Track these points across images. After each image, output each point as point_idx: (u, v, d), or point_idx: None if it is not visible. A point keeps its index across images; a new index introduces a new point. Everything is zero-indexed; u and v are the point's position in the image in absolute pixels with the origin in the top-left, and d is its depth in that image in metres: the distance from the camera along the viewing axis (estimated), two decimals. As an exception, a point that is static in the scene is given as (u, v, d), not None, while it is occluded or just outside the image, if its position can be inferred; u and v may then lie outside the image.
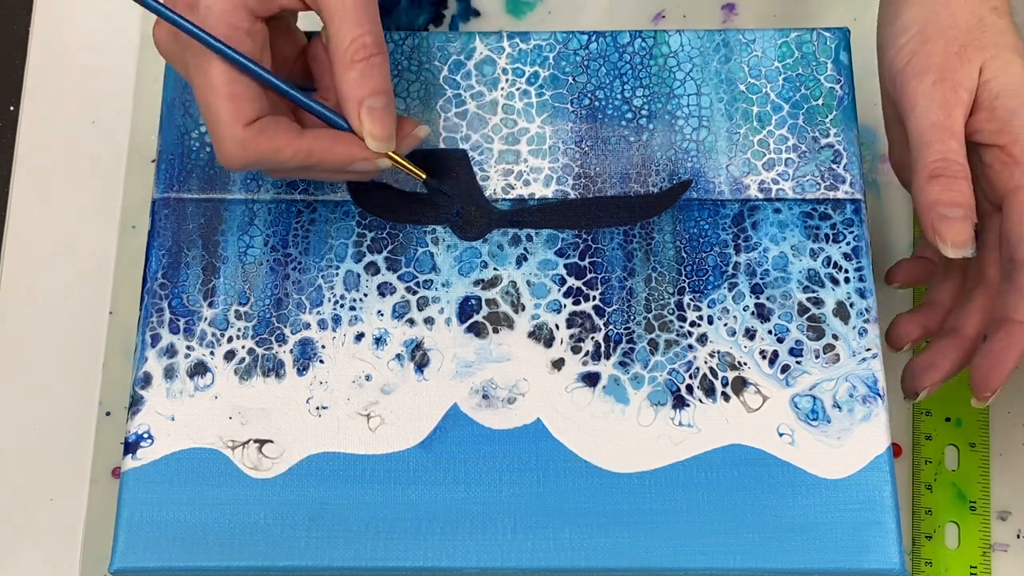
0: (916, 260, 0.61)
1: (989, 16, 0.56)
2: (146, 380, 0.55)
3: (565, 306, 0.56)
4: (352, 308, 0.56)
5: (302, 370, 0.55)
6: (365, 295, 0.56)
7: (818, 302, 0.56)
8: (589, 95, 0.60)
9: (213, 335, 0.56)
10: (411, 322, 0.56)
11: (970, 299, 0.57)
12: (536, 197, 0.58)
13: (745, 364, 0.55)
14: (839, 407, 0.54)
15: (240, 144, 0.51)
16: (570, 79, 0.60)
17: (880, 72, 0.58)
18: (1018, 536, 0.61)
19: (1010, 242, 0.54)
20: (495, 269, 0.57)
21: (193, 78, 0.52)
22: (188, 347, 0.56)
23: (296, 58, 0.56)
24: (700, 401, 0.55)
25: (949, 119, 0.55)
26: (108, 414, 0.64)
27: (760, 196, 0.58)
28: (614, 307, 0.56)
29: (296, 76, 0.56)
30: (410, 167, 0.55)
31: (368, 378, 0.55)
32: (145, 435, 0.54)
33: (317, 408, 0.55)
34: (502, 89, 0.60)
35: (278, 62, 0.55)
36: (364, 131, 0.53)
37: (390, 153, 0.54)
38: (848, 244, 0.57)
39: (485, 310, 0.56)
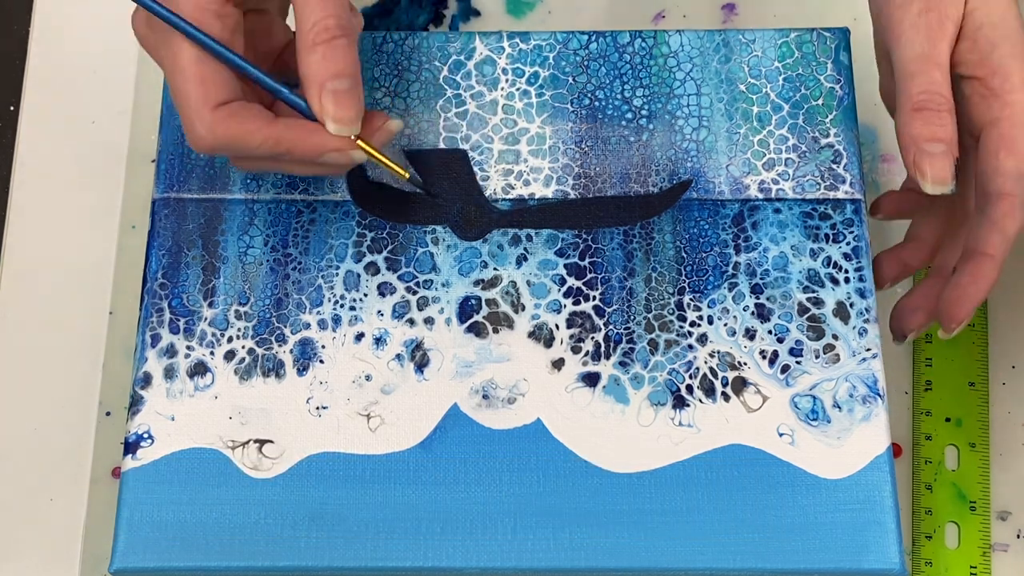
0: (905, 192, 0.61)
1: None
2: (146, 380, 0.55)
3: (565, 306, 0.56)
4: (352, 308, 0.56)
5: (302, 370, 0.55)
6: (365, 295, 0.56)
7: (818, 302, 0.56)
8: (589, 95, 0.60)
9: (213, 335, 0.56)
10: (411, 322, 0.56)
11: (955, 238, 0.58)
12: (536, 197, 0.58)
13: (745, 364, 0.55)
14: (839, 407, 0.54)
15: (208, 126, 0.51)
16: (570, 79, 0.60)
17: (869, 3, 0.58)
18: (1018, 536, 0.61)
19: (984, 175, 0.54)
20: (495, 269, 0.57)
21: (163, 60, 0.52)
22: (188, 347, 0.56)
23: (280, 53, 0.56)
24: (700, 401, 0.55)
25: (935, 50, 0.54)
26: (108, 414, 0.64)
27: (760, 196, 0.58)
28: (614, 307, 0.56)
29: (279, 72, 0.56)
30: (389, 162, 0.54)
31: (368, 378, 0.55)
32: (145, 435, 0.54)
33: (317, 408, 0.55)
34: (502, 89, 0.60)
35: (260, 55, 0.55)
36: (325, 115, 0.51)
37: (366, 147, 0.53)
38: (848, 244, 0.57)
39: (485, 310, 0.56)
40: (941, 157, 0.53)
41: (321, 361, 0.55)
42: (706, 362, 0.55)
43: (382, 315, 0.56)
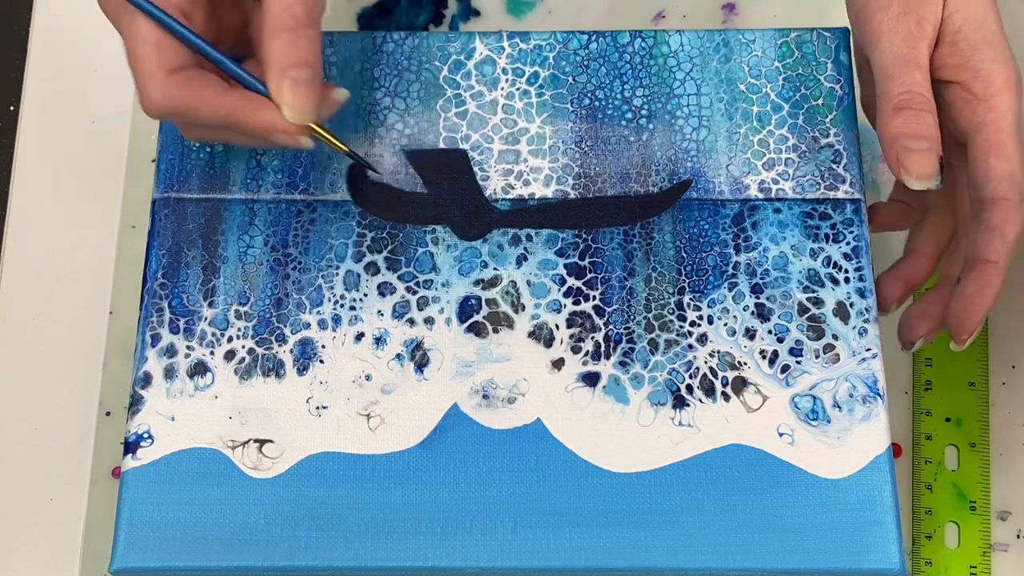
0: (892, 203, 0.60)
1: None
2: (146, 380, 0.55)
3: (565, 306, 0.56)
4: (352, 308, 0.56)
5: (302, 370, 0.55)
6: (365, 295, 0.56)
7: (818, 302, 0.56)
8: (589, 95, 0.60)
9: (213, 335, 0.56)
10: (411, 322, 0.56)
11: (957, 246, 0.57)
12: (536, 197, 0.58)
13: (745, 364, 0.55)
14: (839, 407, 0.54)
15: (163, 89, 0.51)
16: (570, 79, 0.60)
17: (847, 9, 0.57)
18: (1018, 536, 0.61)
19: (975, 181, 0.53)
20: (495, 269, 0.57)
21: (123, 28, 0.52)
22: (188, 347, 0.56)
23: (242, 29, 0.56)
24: (700, 401, 0.55)
25: (914, 52, 0.54)
26: (108, 414, 0.64)
27: (760, 196, 0.58)
28: (614, 307, 0.56)
29: (241, 47, 0.56)
30: (331, 139, 0.55)
31: (368, 378, 0.55)
32: (145, 435, 0.54)
33: (317, 408, 0.55)
34: (502, 89, 0.60)
35: (222, 30, 0.55)
36: (283, 101, 0.51)
37: (317, 128, 0.53)
38: (848, 244, 0.57)
39: (485, 310, 0.56)
40: (925, 153, 0.53)
41: (321, 361, 0.55)
42: (706, 362, 0.55)
43: (382, 315, 0.56)
